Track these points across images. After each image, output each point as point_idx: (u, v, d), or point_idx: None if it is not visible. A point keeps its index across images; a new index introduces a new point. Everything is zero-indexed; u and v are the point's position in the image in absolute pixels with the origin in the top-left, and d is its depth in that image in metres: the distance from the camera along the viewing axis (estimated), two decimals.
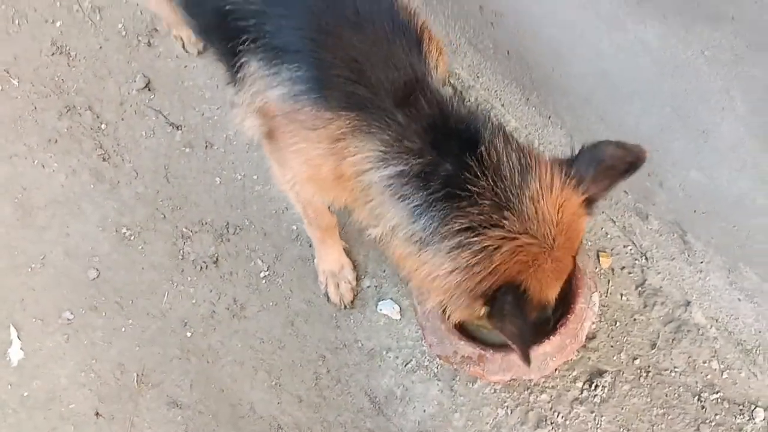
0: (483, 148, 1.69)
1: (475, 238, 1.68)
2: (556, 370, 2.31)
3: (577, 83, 2.19)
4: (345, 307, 2.55)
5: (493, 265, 1.69)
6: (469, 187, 1.68)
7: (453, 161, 1.70)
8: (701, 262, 2.23)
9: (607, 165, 1.74)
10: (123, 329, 2.61)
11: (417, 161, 1.71)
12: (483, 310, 1.81)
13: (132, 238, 2.74)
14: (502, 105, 2.67)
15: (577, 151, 1.73)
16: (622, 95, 2.05)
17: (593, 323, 2.38)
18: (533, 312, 1.80)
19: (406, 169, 1.72)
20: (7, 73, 3.07)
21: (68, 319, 2.63)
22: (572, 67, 2.17)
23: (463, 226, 1.69)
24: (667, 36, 1.74)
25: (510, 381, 2.30)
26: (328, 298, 2.56)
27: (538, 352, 2.21)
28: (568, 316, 2.23)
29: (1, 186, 2.86)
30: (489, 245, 1.68)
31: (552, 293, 1.83)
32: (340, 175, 1.82)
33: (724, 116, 1.75)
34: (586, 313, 2.25)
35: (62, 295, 2.66)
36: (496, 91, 2.67)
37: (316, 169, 1.84)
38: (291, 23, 1.72)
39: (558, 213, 1.72)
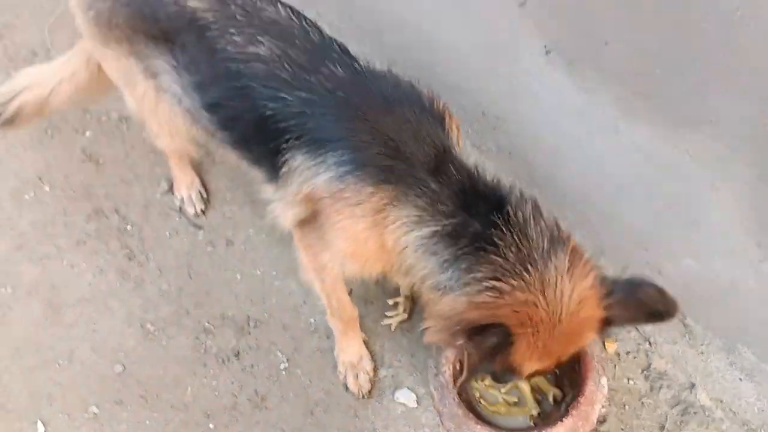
0: (509, 208, 1.86)
1: (495, 283, 1.82)
2: None
3: (577, 182, 2.39)
4: (363, 396, 2.65)
5: (500, 305, 1.82)
6: (496, 240, 1.84)
7: (481, 220, 1.88)
8: (702, 345, 2.36)
9: (639, 300, 1.88)
10: (147, 422, 2.68)
11: (448, 221, 1.90)
12: (460, 343, 1.90)
13: (156, 333, 2.86)
14: None
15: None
16: (619, 192, 2.25)
17: (603, 406, 2.48)
18: (502, 364, 1.91)
19: (438, 230, 1.91)
20: (40, 180, 3.28)
21: (94, 413, 2.70)
22: (571, 166, 2.37)
23: (487, 275, 1.84)
24: (655, 138, 1.95)
25: None
26: (347, 388, 2.66)
27: None
28: (579, 398, 2.34)
29: (32, 286, 2.99)
30: (505, 289, 1.81)
31: (527, 367, 1.94)
32: (382, 245, 1.99)
33: (711, 208, 1.93)
34: (596, 395, 2.36)
35: (89, 389, 2.75)
36: None
37: (360, 242, 2.02)
38: (330, 117, 1.94)
39: (577, 303, 1.84)
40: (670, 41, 1.74)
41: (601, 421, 2.53)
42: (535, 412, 2.48)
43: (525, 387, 2.55)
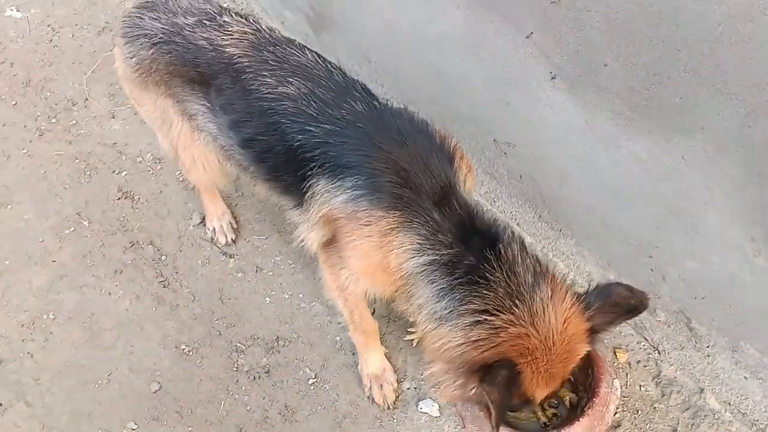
0: (501, 246, 2.06)
1: (487, 317, 2.01)
2: None
3: (582, 196, 2.61)
4: (388, 407, 2.79)
5: (497, 342, 2.00)
6: (487, 275, 2.03)
7: (475, 255, 2.08)
8: (707, 347, 2.52)
9: (614, 302, 2.08)
10: None
11: (446, 252, 2.09)
12: (473, 389, 2.07)
13: (191, 353, 3.03)
14: (518, 224, 3.07)
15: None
16: (621, 202, 2.45)
17: (617, 412, 2.62)
18: (518, 397, 2.07)
19: (437, 258, 2.10)
20: (79, 215, 3.50)
21: (132, 429, 2.85)
22: (577, 182, 2.59)
23: (479, 308, 2.03)
24: (653, 148, 2.17)
25: None
26: (373, 399, 2.80)
27: None
28: (594, 399, 2.49)
29: (73, 312, 3.18)
30: (498, 325, 2.00)
31: (538, 394, 2.10)
32: (387, 266, 2.18)
33: (707, 209, 2.13)
34: (610, 396, 2.51)
35: (127, 407, 2.90)
36: (511, 212, 3.08)
37: (368, 260, 2.21)
38: (350, 146, 2.16)
39: (563, 323, 2.04)
40: (662, 58, 1.98)
41: (616, 426, 2.66)
42: (544, 420, 2.61)
43: None
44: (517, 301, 2.00)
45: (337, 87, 2.27)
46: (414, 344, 2.95)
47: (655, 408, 2.70)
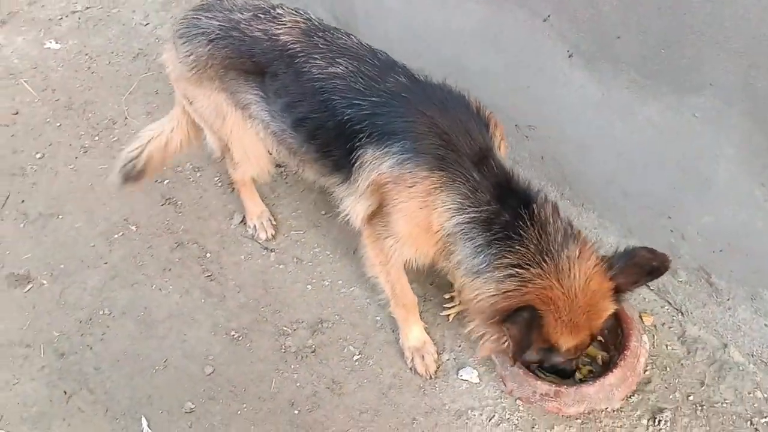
0: (534, 206, 2.29)
1: (518, 270, 2.25)
2: (621, 401, 2.70)
3: (601, 168, 2.83)
4: (430, 377, 2.97)
5: (524, 292, 2.23)
6: (521, 232, 2.27)
7: (511, 213, 2.31)
8: (728, 299, 2.71)
9: (636, 263, 2.31)
10: (238, 412, 3.00)
11: (485, 209, 2.32)
12: (506, 341, 2.30)
13: (240, 338, 3.23)
14: None
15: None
16: (638, 168, 2.68)
17: (646, 367, 2.81)
18: (539, 341, 2.29)
19: (476, 216, 2.32)
20: (126, 221, 3.74)
21: (191, 408, 3.03)
22: (595, 155, 2.82)
23: (512, 262, 2.27)
24: (665, 110, 2.41)
25: (585, 412, 2.67)
26: (415, 370, 2.99)
27: (604, 384, 2.63)
28: (625, 352, 2.68)
29: (126, 307, 3.38)
30: (527, 278, 2.23)
31: (561, 341, 2.32)
32: (430, 226, 2.40)
33: (718, 162, 2.36)
34: (640, 350, 2.70)
35: (183, 389, 3.09)
36: None
37: (414, 221, 2.42)
38: (396, 115, 2.40)
39: (586, 280, 2.26)
40: (670, 24, 2.22)
41: (647, 382, 2.84)
42: (579, 376, 2.80)
43: None
44: (546, 257, 2.22)
45: (381, 64, 2.52)
46: (450, 319, 3.14)
47: (682, 364, 2.88)
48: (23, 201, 3.86)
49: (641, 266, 2.31)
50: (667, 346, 2.93)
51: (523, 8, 2.64)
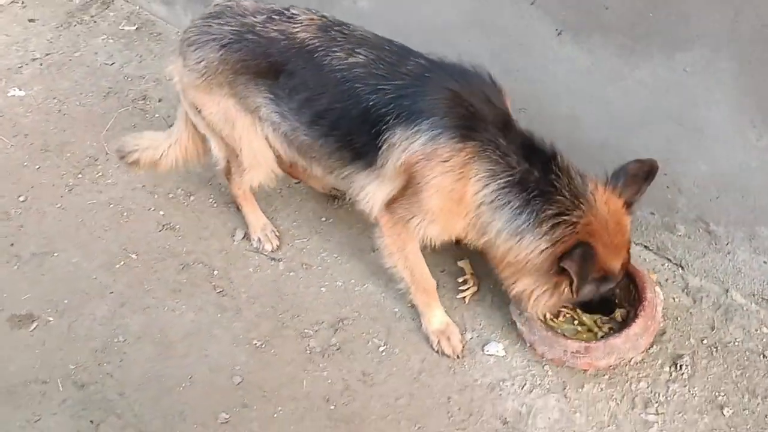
0: (559, 158, 2.47)
1: (564, 218, 2.45)
2: (644, 351, 2.86)
3: (594, 135, 3.02)
4: (458, 357, 3.07)
5: (574, 234, 2.45)
6: (555, 183, 2.45)
7: (539, 169, 2.49)
8: (727, 244, 2.91)
9: (632, 175, 2.58)
10: (275, 416, 3.01)
11: (516, 171, 2.48)
12: (564, 287, 2.51)
13: (263, 346, 3.25)
14: None
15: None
16: (631, 129, 2.88)
17: (660, 322, 2.97)
18: (595, 271, 2.50)
19: (510, 179, 2.48)
20: (126, 250, 3.73)
21: (225, 419, 3.02)
22: (588, 123, 3.01)
23: (555, 212, 2.46)
24: (657, 69, 2.62)
25: (615, 364, 2.81)
26: (443, 352, 3.07)
27: (630, 334, 2.78)
28: (644, 303, 2.84)
29: (141, 332, 3.36)
30: (573, 221, 2.45)
31: (611, 264, 2.55)
32: (463, 198, 2.53)
33: (710, 109, 2.57)
34: (656, 299, 2.87)
35: (215, 401, 3.08)
36: None
37: (448, 195, 2.54)
38: (421, 94, 2.53)
39: (607, 205, 2.52)
40: None
41: (662, 333, 3.01)
42: (601, 334, 2.95)
43: (594, 315, 3.02)
44: (580, 200, 2.43)
45: (399, 50, 2.66)
46: (466, 301, 3.26)
47: (690, 313, 3.07)
48: (12, 244, 3.80)
49: (636, 176, 2.58)
50: (674, 299, 3.12)
51: None
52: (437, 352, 3.09)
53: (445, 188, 2.56)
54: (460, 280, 3.29)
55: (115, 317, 3.42)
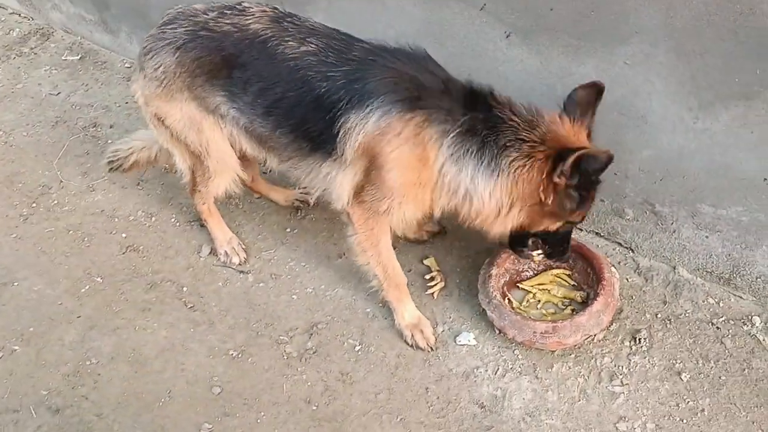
0: (496, 94, 2.66)
1: (526, 136, 2.58)
2: (607, 327, 3.05)
3: None
4: (432, 349, 3.19)
5: (545, 146, 2.55)
6: (499, 115, 2.61)
7: (483, 108, 2.63)
8: (672, 223, 3.16)
9: (579, 101, 2.65)
10: (258, 421, 3.06)
11: (464, 120, 2.62)
12: (551, 197, 2.59)
13: (240, 356, 3.30)
14: None
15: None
16: None
17: (619, 296, 3.18)
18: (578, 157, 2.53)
19: (460, 130, 2.62)
20: (90, 274, 3.72)
21: (208, 428, 3.05)
22: None
23: (514, 137, 2.58)
24: (600, 65, 2.84)
25: (581, 342, 2.99)
26: (417, 345, 3.19)
27: (592, 311, 2.97)
28: (602, 282, 3.04)
29: (113, 353, 3.36)
30: (536, 139, 2.57)
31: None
32: (426, 164, 2.65)
33: (651, 98, 2.81)
34: (613, 279, 3.08)
35: (196, 412, 3.10)
36: None
37: (409, 166, 2.66)
38: (369, 76, 2.67)
39: (569, 133, 2.62)
40: None
41: (619, 312, 3.21)
42: (569, 311, 3.14)
43: (556, 299, 3.21)
44: (537, 118, 2.60)
45: (345, 38, 2.80)
46: (435, 296, 3.40)
47: (643, 291, 3.29)
48: None
49: (584, 99, 2.64)
50: (627, 279, 3.34)
51: (460, 2, 3.03)
52: (411, 345, 3.20)
53: (406, 159, 2.67)
54: (428, 277, 3.43)
55: (84, 341, 3.40)
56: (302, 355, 3.25)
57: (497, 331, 3.10)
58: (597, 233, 3.46)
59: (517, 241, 2.95)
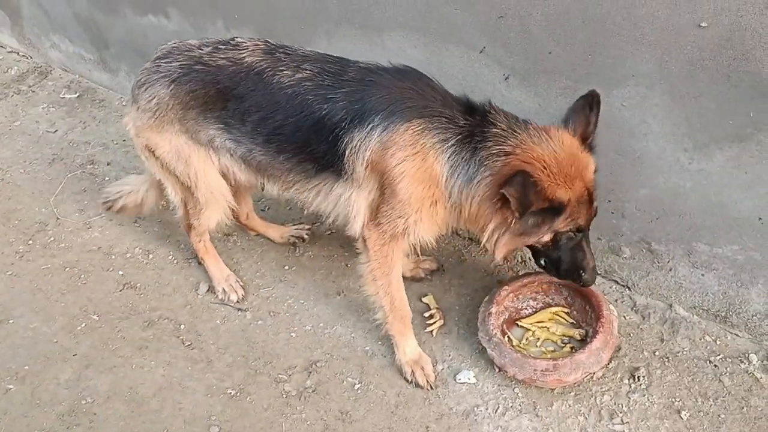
0: (493, 103, 2.75)
1: (500, 148, 2.64)
2: (606, 365, 3.07)
3: None
4: (431, 387, 3.19)
5: (511, 161, 2.61)
6: (491, 120, 2.69)
7: (480, 114, 2.72)
8: (668, 261, 3.20)
9: (578, 110, 2.73)
10: None
11: (464, 128, 2.70)
12: (511, 219, 2.64)
13: (238, 394, 3.28)
14: None
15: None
16: None
17: (618, 334, 3.20)
18: (539, 199, 2.56)
19: (460, 137, 2.69)
20: (86, 312, 3.71)
21: None
22: None
23: (491, 145, 2.65)
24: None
25: (581, 379, 3.01)
26: (416, 383, 3.19)
27: (592, 349, 2.99)
28: (601, 320, 3.06)
29: (110, 392, 3.33)
30: (508, 150, 2.63)
31: (560, 194, 2.61)
32: (432, 175, 2.71)
33: (647, 139, 2.88)
34: (612, 316, 3.10)
35: None
36: None
37: (416, 174, 2.71)
38: (367, 95, 2.74)
39: (558, 138, 2.66)
40: (593, 32, 2.74)
41: (617, 349, 3.23)
42: (568, 349, 3.16)
43: (555, 337, 3.24)
44: (516, 130, 2.65)
45: (339, 61, 2.89)
46: (434, 334, 3.41)
47: (641, 329, 3.32)
48: None
49: (583, 110, 2.69)
50: (624, 317, 3.36)
51: (460, 45, 3.10)
52: (410, 382, 3.20)
53: (413, 170, 2.72)
54: (427, 314, 3.44)
55: (80, 379, 3.37)
56: (301, 394, 3.23)
57: (497, 369, 3.10)
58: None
59: (535, 258, 2.98)
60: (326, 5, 3.44)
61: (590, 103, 2.67)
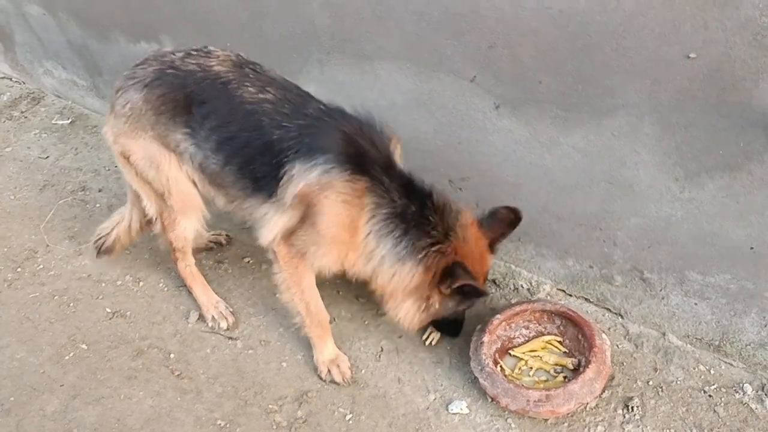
0: (435, 197, 2.86)
1: (437, 247, 2.83)
2: (599, 395, 3.04)
3: (534, 200, 3.28)
4: (348, 384, 3.27)
5: (446, 257, 2.82)
6: (429, 218, 2.83)
7: (417, 205, 2.84)
8: (660, 290, 3.19)
9: (499, 219, 3.00)
10: None
11: (397, 205, 2.81)
12: (434, 301, 2.92)
13: (228, 425, 3.24)
14: None
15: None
16: (569, 191, 3.15)
17: (611, 363, 3.18)
18: (466, 278, 2.83)
19: (392, 211, 2.81)
20: (74, 341, 3.67)
21: None
22: (528, 189, 3.27)
23: (428, 242, 2.83)
24: (587, 135, 2.92)
25: (574, 410, 2.98)
26: (333, 380, 3.28)
27: (585, 379, 2.96)
28: (593, 349, 3.05)
29: (97, 423, 3.28)
30: (444, 249, 2.82)
31: (477, 272, 2.90)
32: (356, 227, 2.81)
33: (638, 168, 2.88)
34: (604, 345, 3.08)
35: None
36: None
37: (342, 222, 2.80)
38: (319, 134, 2.81)
39: (474, 240, 2.91)
40: (582, 62, 2.75)
41: (610, 379, 3.21)
42: (561, 378, 3.13)
43: (548, 366, 3.21)
44: (451, 233, 2.84)
45: (303, 94, 2.97)
46: (434, 343, 3.42)
47: (634, 358, 3.29)
48: None
49: (502, 221, 3.00)
50: (617, 346, 3.34)
51: (450, 74, 3.11)
52: (325, 380, 3.30)
53: (341, 217, 2.81)
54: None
55: (67, 411, 3.33)
56: (292, 425, 3.19)
57: (490, 399, 3.07)
58: (586, 299, 3.48)
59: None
60: (317, 35, 3.45)
61: (513, 220, 2.98)
